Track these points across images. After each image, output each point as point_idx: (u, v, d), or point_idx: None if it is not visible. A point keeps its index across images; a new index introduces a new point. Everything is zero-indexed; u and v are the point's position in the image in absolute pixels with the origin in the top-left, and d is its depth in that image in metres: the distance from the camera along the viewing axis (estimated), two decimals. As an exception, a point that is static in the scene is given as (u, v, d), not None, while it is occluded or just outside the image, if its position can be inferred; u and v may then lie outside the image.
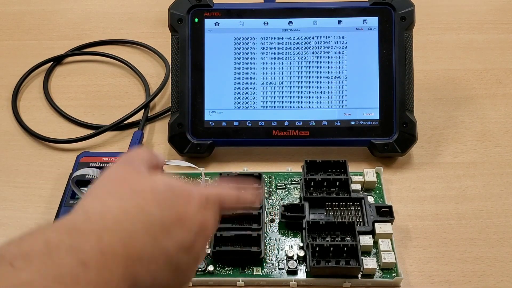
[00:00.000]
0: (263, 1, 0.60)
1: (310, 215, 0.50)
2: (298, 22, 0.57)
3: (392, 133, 0.56)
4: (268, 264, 0.48)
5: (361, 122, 0.57)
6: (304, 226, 0.49)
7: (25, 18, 0.79)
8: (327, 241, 0.47)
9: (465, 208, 0.53)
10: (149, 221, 0.31)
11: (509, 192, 0.55)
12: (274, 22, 0.57)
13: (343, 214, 0.50)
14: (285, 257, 0.48)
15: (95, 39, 0.74)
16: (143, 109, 0.63)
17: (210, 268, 0.47)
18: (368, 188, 0.54)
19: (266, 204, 0.53)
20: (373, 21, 0.57)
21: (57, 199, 0.52)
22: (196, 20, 0.57)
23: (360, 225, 0.49)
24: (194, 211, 0.34)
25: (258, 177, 0.52)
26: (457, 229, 0.51)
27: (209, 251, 0.48)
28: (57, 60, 0.72)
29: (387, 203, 0.52)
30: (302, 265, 0.48)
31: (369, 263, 0.46)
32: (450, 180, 0.56)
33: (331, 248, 0.46)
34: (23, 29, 0.77)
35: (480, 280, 0.47)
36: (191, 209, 0.34)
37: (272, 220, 0.51)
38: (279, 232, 0.50)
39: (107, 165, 0.53)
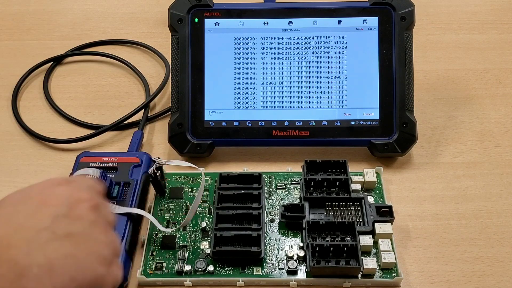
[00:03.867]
0: (263, 1, 0.60)
1: (310, 215, 0.50)
2: (298, 22, 0.57)
3: (392, 133, 0.56)
4: (268, 264, 0.48)
5: (361, 122, 0.57)
6: (304, 226, 0.49)
7: (25, 18, 0.79)
8: (327, 241, 0.48)
9: (465, 208, 0.53)
10: (11, 214, 0.32)
11: (509, 192, 0.55)
12: (274, 22, 0.57)
13: (343, 214, 0.51)
14: (285, 257, 0.48)
15: (95, 39, 0.74)
16: (143, 109, 0.63)
17: (210, 268, 0.47)
18: (368, 188, 0.54)
19: (266, 204, 0.53)
20: (373, 21, 0.57)
21: (57, 199, 0.52)
22: (196, 20, 0.57)
23: (360, 225, 0.49)
24: (54, 189, 0.34)
25: (258, 177, 0.52)
26: (457, 229, 0.51)
27: (209, 251, 0.48)
28: (57, 60, 0.72)
29: (387, 203, 0.52)
30: (302, 265, 0.48)
31: (369, 263, 0.46)
32: (450, 180, 0.56)
33: (331, 248, 0.46)
34: (23, 29, 0.77)
35: (480, 280, 0.47)
36: (49, 189, 0.34)
37: (272, 220, 0.51)
38: (279, 232, 0.50)
39: (107, 165, 0.53)
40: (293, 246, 0.49)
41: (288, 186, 0.55)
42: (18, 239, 0.31)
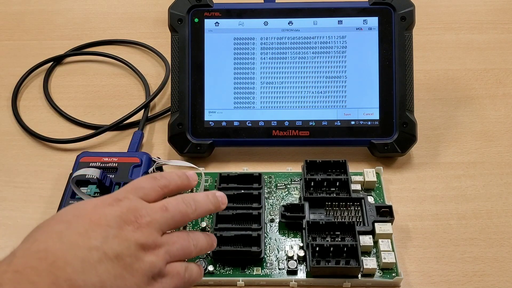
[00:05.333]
0: (263, 1, 0.60)
1: (310, 215, 0.50)
2: (298, 22, 0.57)
3: (392, 133, 0.56)
4: (268, 264, 0.48)
5: (361, 122, 0.57)
6: (304, 226, 0.49)
7: (25, 18, 0.79)
8: (327, 241, 0.47)
9: (465, 208, 0.53)
10: (64, 231, 0.34)
11: (509, 192, 0.55)
12: (274, 22, 0.57)
13: (343, 214, 0.51)
14: (285, 257, 0.48)
15: (95, 39, 0.74)
16: (143, 109, 0.63)
17: (210, 268, 0.47)
18: (368, 188, 0.54)
19: (266, 204, 0.53)
20: (373, 21, 0.57)
21: (57, 199, 0.52)
22: (196, 20, 0.57)
23: (360, 225, 0.49)
24: (105, 209, 0.35)
25: (258, 177, 0.52)
26: (457, 229, 0.51)
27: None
28: (57, 60, 0.72)
29: (387, 203, 0.52)
30: (302, 265, 0.48)
31: (369, 263, 0.46)
32: (450, 180, 0.56)
33: (331, 248, 0.46)
34: (23, 29, 0.77)
35: (480, 280, 0.47)
36: (101, 209, 0.35)
37: (272, 220, 0.51)
38: (279, 232, 0.50)
39: (107, 165, 0.53)
40: (293, 246, 0.49)
41: (288, 186, 0.55)
42: (72, 257, 0.32)
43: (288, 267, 0.47)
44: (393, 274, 0.47)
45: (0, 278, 0.30)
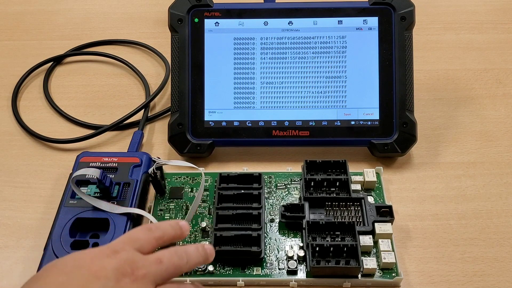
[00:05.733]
0: (263, 1, 0.60)
1: (310, 215, 0.50)
2: (298, 22, 0.57)
3: (392, 133, 0.56)
4: (268, 264, 0.48)
5: (361, 122, 0.57)
6: (304, 226, 0.49)
7: (25, 18, 0.79)
8: (327, 241, 0.47)
9: (465, 208, 0.53)
10: (64, 282, 0.35)
11: (509, 192, 0.55)
12: (274, 22, 0.57)
13: (343, 214, 0.51)
14: (285, 257, 0.48)
15: (95, 39, 0.74)
16: (143, 109, 0.63)
17: (210, 268, 0.47)
18: (368, 188, 0.54)
19: (266, 204, 0.53)
20: (373, 21, 0.57)
21: (57, 199, 0.52)
22: (196, 20, 0.57)
23: (360, 225, 0.49)
24: (103, 261, 0.36)
25: (258, 177, 0.52)
26: (457, 229, 0.51)
27: (209, 251, 0.48)
28: (57, 60, 0.72)
29: (387, 203, 0.52)
30: (302, 265, 0.48)
31: (369, 263, 0.46)
32: (450, 180, 0.56)
33: (331, 248, 0.46)
34: (23, 29, 0.77)
35: (480, 280, 0.47)
36: (99, 260, 0.36)
37: (272, 220, 0.51)
38: (279, 232, 0.50)
39: (107, 165, 0.53)
40: (293, 246, 0.49)
41: (288, 186, 0.55)
42: None
43: (288, 267, 0.47)
44: (393, 274, 0.47)
45: None
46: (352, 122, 0.57)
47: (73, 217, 0.49)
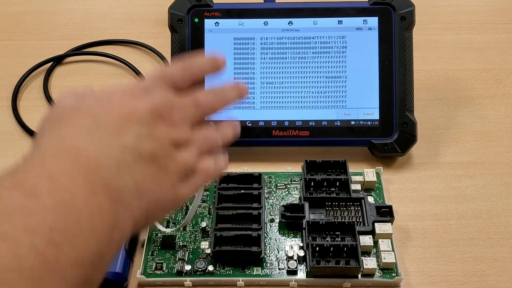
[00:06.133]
0: (263, 1, 0.60)
1: (310, 215, 0.50)
2: (298, 22, 0.57)
3: (392, 133, 0.56)
4: (268, 264, 0.48)
5: (361, 122, 0.57)
6: (304, 226, 0.49)
7: (25, 18, 0.79)
8: (327, 241, 0.48)
9: (465, 208, 0.53)
10: (93, 127, 0.31)
11: (509, 192, 0.55)
12: (274, 22, 0.57)
13: (343, 214, 0.51)
14: (285, 257, 0.48)
15: (95, 39, 0.74)
16: (143, 109, 0.63)
17: (210, 268, 0.47)
18: (368, 188, 0.54)
19: (266, 204, 0.53)
20: (373, 21, 0.57)
21: (57, 199, 0.52)
22: (196, 20, 0.57)
23: (360, 225, 0.49)
24: (135, 102, 0.33)
25: (258, 177, 0.52)
26: (457, 229, 0.51)
27: (209, 251, 0.48)
28: (57, 60, 0.72)
29: (387, 203, 0.52)
30: (302, 265, 0.48)
31: (369, 263, 0.46)
32: (450, 180, 0.56)
33: (331, 248, 0.46)
34: (23, 29, 0.77)
35: (480, 280, 0.47)
36: (130, 101, 0.33)
37: (272, 220, 0.51)
38: (279, 232, 0.50)
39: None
40: (293, 246, 0.49)
41: (288, 186, 0.55)
42: (107, 160, 0.30)
43: (288, 267, 0.47)
44: (393, 274, 0.47)
45: (37, 183, 0.27)
46: (352, 122, 0.57)
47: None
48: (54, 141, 0.31)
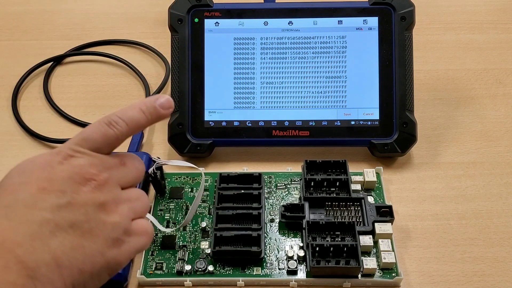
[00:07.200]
0: (263, 1, 0.60)
1: (310, 215, 0.50)
2: (298, 22, 0.57)
3: (392, 133, 0.56)
4: (268, 264, 0.48)
5: (361, 122, 0.57)
6: (304, 226, 0.49)
7: (25, 18, 0.79)
8: (327, 241, 0.48)
9: (465, 208, 0.53)
10: (11, 204, 0.30)
11: (509, 192, 0.55)
12: (274, 22, 0.57)
13: (343, 214, 0.51)
14: (285, 257, 0.48)
15: (95, 39, 0.74)
16: (143, 109, 0.63)
17: (210, 268, 0.47)
18: (368, 188, 0.54)
19: (266, 204, 0.53)
20: (373, 21, 0.57)
21: (57, 199, 0.52)
22: (196, 20, 0.57)
23: (360, 225, 0.49)
24: (54, 171, 0.31)
25: (258, 177, 0.52)
26: (457, 229, 0.51)
27: (209, 251, 0.48)
28: (57, 60, 0.72)
29: (387, 203, 0.52)
30: (302, 265, 0.48)
31: (369, 263, 0.46)
32: (450, 180, 0.56)
33: (331, 248, 0.46)
34: (23, 29, 0.77)
35: (480, 280, 0.47)
36: (49, 171, 0.32)
37: (272, 220, 0.51)
38: (279, 232, 0.50)
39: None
40: (293, 246, 0.49)
41: (288, 186, 0.55)
42: (21, 236, 0.29)
43: (288, 267, 0.47)
44: (393, 274, 0.47)
45: None
46: (352, 122, 0.57)
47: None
48: None
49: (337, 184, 0.52)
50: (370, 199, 0.52)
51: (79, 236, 0.30)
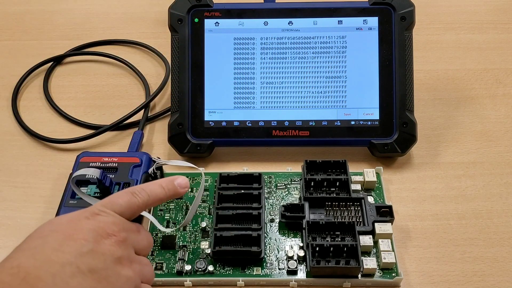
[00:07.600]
0: (263, 1, 0.60)
1: (310, 215, 0.50)
2: (298, 22, 0.57)
3: (392, 133, 0.56)
4: (268, 264, 0.48)
5: (361, 122, 0.57)
6: (304, 226, 0.49)
7: (25, 18, 0.79)
8: (327, 241, 0.47)
9: (465, 208, 0.53)
10: (39, 245, 0.34)
11: (509, 192, 0.55)
12: (274, 22, 0.57)
13: (343, 214, 0.51)
14: (285, 257, 0.48)
15: (95, 39, 0.74)
16: (143, 109, 0.63)
17: (210, 268, 0.47)
18: (368, 188, 0.54)
19: (266, 204, 0.53)
20: (373, 21, 0.57)
21: (57, 199, 0.52)
22: (196, 20, 0.57)
23: (360, 225, 0.49)
24: (81, 223, 0.35)
25: (258, 177, 0.52)
26: (457, 229, 0.51)
27: (209, 251, 0.48)
28: (57, 60, 0.72)
29: (387, 203, 0.52)
30: (302, 265, 0.48)
31: (369, 263, 0.46)
32: (450, 180, 0.56)
33: (331, 248, 0.46)
34: (23, 29, 0.77)
35: (480, 280, 0.47)
36: (76, 222, 0.35)
37: (272, 220, 0.51)
38: (279, 232, 0.50)
39: (107, 165, 0.53)
40: (293, 246, 0.49)
41: (288, 186, 0.55)
42: (44, 273, 0.32)
43: (288, 267, 0.47)
44: (393, 274, 0.47)
45: None
46: (352, 122, 0.57)
47: (73, 217, 0.49)
48: (3, 261, 0.33)
49: (337, 184, 0.52)
50: (370, 199, 0.52)
51: (96, 281, 0.33)
